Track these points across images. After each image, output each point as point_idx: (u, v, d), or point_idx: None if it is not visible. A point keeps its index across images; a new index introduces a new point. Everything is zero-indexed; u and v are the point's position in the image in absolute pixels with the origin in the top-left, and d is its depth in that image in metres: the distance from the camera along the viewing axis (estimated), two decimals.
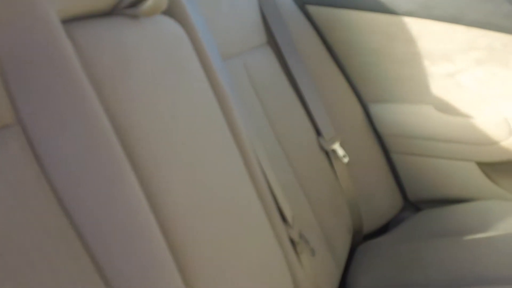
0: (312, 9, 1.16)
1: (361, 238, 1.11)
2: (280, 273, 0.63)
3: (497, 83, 1.09)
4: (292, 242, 0.72)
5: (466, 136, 1.12)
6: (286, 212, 0.73)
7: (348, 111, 1.15)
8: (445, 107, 1.14)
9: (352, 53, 1.16)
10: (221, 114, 0.62)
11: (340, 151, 1.03)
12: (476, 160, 1.13)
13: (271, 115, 0.90)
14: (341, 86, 1.16)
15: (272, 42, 1.03)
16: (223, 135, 0.60)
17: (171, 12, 0.62)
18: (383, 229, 1.16)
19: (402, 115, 1.17)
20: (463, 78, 1.11)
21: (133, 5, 0.49)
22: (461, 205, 1.10)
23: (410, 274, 0.89)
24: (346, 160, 1.03)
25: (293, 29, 1.10)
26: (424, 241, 0.99)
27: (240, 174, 0.61)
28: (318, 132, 1.01)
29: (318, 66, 1.12)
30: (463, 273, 0.84)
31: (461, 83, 1.12)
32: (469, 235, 0.95)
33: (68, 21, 0.42)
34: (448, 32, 1.08)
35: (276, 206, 0.70)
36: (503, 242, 0.89)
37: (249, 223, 0.59)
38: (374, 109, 1.19)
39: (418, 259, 0.94)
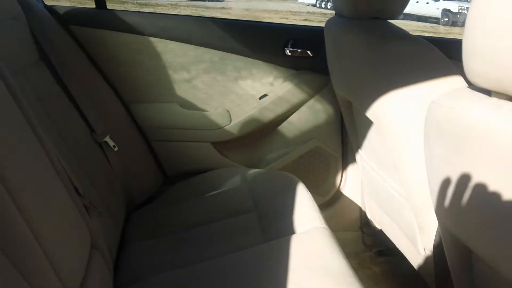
0: (75, 28, 1.41)
1: (133, 207, 1.42)
2: (81, 226, 0.90)
3: (218, 86, 1.55)
4: (86, 208, 0.99)
5: (202, 124, 1.55)
6: (79, 189, 0.99)
7: (114, 111, 1.45)
8: (186, 104, 1.56)
9: (112, 64, 1.46)
10: (25, 121, 0.83)
11: (111, 142, 1.31)
12: (211, 141, 1.58)
13: (53, 118, 1.12)
14: (106, 91, 1.45)
15: (45, 57, 1.24)
16: (31, 137, 0.82)
17: None
18: (151, 199, 1.50)
19: (155, 112, 1.53)
20: (196, 82, 1.54)
21: None
22: (203, 174, 1.53)
23: (168, 223, 1.25)
24: (116, 149, 1.32)
25: (61, 45, 1.32)
26: (177, 203, 1.37)
27: (47, 167, 0.85)
28: (91, 129, 1.28)
29: (85, 75, 1.38)
30: (200, 218, 1.24)
31: (195, 86, 1.54)
32: (208, 193, 1.37)
33: None
34: (182, 49, 1.49)
35: (72, 185, 0.95)
36: (225, 194, 1.34)
37: (59, 197, 0.84)
38: (134, 107, 1.52)
39: (174, 213, 1.31)
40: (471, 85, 0.62)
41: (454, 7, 13.61)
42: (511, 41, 0.48)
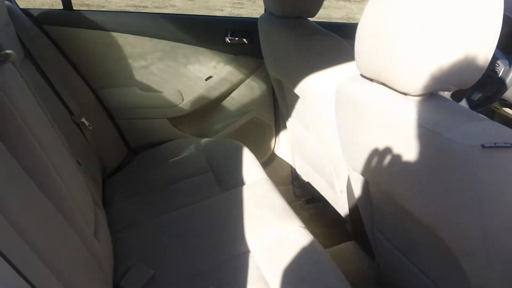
0: (48, 28, 1.64)
1: (106, 175, 1.69)
2: (86, 187, 1.18)
3: (171, 71, 1.84)
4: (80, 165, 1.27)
5: (158, 103, 1.85)
6: (78, 160, 1.27)
7: (86, 96, 1.70)
8: (144, 87, 1.84)
9: (81, 56, 1.71)
10: (40, 109, 1.09)
11: (86, 122, 1.58)
12: (167, 117, 1.88)
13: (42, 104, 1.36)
14: (78, 80, 1.69)
15: (29, 56, 1.46)
16: (46, 120, 1.08)
17: None
18: (118, 168, 1.78)
19: (119, 95, 1.81)
20: (152, 69, 1.82)
21: None
22: (162, 145, 1.83)
23: (141, 186, 1.54)
24: (90, 127, 1.59)
25: (39, 44, 1.55)
26: (145, 169, 1.67)
27: (59, 142, 1.11)
28: (70, 112, 1.53)
29: (60, 67, 1.61)
30: (167, 180, 1.55)
31: (151, 71, 1.82)
32: (166, 161, 1.68)
33: None
34: (139, 41, 1.76)
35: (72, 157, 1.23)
36: (184, 160, 1.66)
37: (70, 164, 1.12)
38: (102, 92, 1.78)
39: (144, 178, 1.60)
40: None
41: None
42: (381, 48, 0.84)
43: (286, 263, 1.13)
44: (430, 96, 0.83)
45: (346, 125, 1.06)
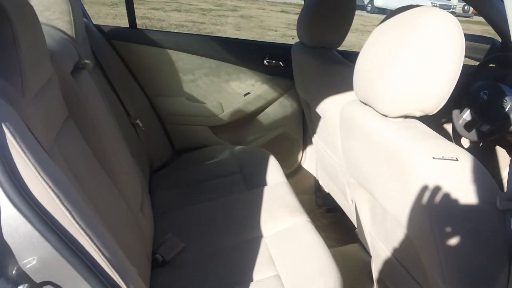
0: (115, 42, 1.98)
1: (153, 170, 2.00)
2: (137, 175, 1.48)
3: (214, 85, 2.14)
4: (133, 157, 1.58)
5: (202, 113, 2.15)
6: (132, 153, 1.58)
7: (142, 101, 2.03)
8: (191, 98, 2.15)
9: (140, 68, 2.04)
10: (106, 108, 1.40)
11: (140, 124, 1.89)
12: (208, 125, 2.18)
13: (107, 105, 1.69)
14: (136, 88, 2.02)
15: (98, 64, 1.80)
16: (111, 117, 1.40)
17: None
18: (163, 166, 2.08)
19: (170, 103, 2.12)
20: (198, 83, 2.12)
21: None
22: (202, 149, 2.12)
23: (181, 181, 1.83)
24: (143, 128, 1.90)
25: (107, 55, 1.89)
26: (186, 168, 1.96)
27: (120, 135, 1.42)
28: (128, 114, 1.85)
29: (122, 76, 1.95)
30: (203, 177, 1.83)
31: (198, 85, 2.13)
32: (204, 162, 1.96)
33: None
34: (189, 58, 2.07)
35: (128, 148, 1.54)
36: (219, 163, 1.93)
37: (128, 155, 1.42)
38: (155, 100, 2.10)
39: (184, 175, 1.89)
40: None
41: (426, 3, 14.38)
42: (368, 78, 1.08)
43: (290, 248, 1.37)
44: (405, 119, 1.07)
45: (346, 140, 1.30)
